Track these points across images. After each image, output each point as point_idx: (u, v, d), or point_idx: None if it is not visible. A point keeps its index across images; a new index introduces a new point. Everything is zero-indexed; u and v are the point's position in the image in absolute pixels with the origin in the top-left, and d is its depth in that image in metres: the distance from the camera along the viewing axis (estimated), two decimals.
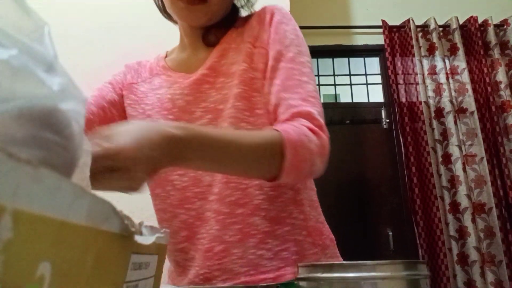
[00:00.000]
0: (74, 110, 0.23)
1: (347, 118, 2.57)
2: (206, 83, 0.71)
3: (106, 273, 0.20)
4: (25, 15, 0.23)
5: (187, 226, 0.69)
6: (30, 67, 0.21)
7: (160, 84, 0.76)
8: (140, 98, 0.77)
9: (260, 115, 0.68)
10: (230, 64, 0.71)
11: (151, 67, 0.81)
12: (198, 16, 0.70)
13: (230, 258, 0.66)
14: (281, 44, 0.69)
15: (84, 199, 0.18)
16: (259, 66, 0.69)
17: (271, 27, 0.71)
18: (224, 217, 0.66)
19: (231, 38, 0.74)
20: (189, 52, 0.78)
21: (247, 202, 0.67)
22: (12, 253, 0.13)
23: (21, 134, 0.20)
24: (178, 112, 0.71)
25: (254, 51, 0.71)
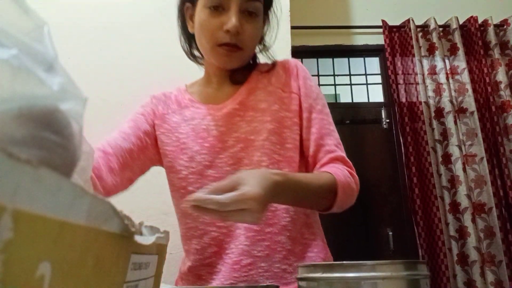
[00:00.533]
0: (74, 110, 0.23)
1: (347, 118, 2.57)
2: (237, 116, 0.83)
3: (106, 273, 0.20)
4: (25, 15, 0.23)
5: (217, 242, 0.78)
6: (30, 67, 0.21)
7: (191, 115, 0.86)
8: (173, 127, 0.86)
9: (289, 149, 0.82)
10: (259, 101, 0.84)
11: (178, 99, 0.90)
12: (234, 61, 0.83)
13: (257, 271, 0.76)
14: (311, 98, 0.85)
15: (84, 199, 0.18)
16: (292, 108, 0.84)
17: (298, 80, 0.87)
18: (254, 234, 0.77)
19: (257, 79, 0.88)
20: (214, 88, 0.90)
21: (276, 222, 0.78)
22: (12, 253, 0.13)
23: (21, 134, 0.20)
24: (213, 140, 0.82)
25: (284, 95, 0.85)
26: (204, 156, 0.81)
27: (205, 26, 0.79)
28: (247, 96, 0.85)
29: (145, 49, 1.50)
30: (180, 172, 0.82)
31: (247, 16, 0.79)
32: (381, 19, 2.68)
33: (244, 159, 0.80)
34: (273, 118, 0.81)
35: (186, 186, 0.81)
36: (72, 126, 0.23)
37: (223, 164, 0.80)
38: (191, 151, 0.81)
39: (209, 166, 0.80)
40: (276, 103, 0.84)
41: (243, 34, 0.78)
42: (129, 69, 1.49)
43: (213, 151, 0.81)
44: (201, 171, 0.80)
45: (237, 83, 0.87)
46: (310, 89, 0.86)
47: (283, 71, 0.88)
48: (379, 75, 2.80)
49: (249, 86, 0.87)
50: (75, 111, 0.23)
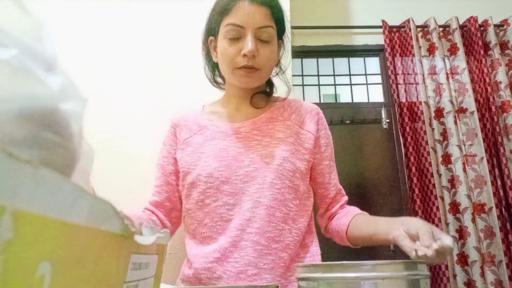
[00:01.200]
0: (74, 110, 0.23)
1: (347, 118, 2.57)
2: (255, 140, 0.93)
3: (106, 273, 0.20)
4: (25, 14, 0.23)
5: (222, 250, 0.86)
6: (30, 67, 0.21)
7: (212, 135, 0.96)
8: (196, 148, 0.95)
9: (298, 178, 0.92)
10: (277, 130, 0.94)
11: (197, 121, 1.00)
12: (253, 81, 0.93)
13: (261, 281, 0.84)
14: (330, 147, 1.00)
15: (84, 199, 0.18)
16: (305, 145, 0.95)
17: (318, 125, 0.99)
18: (262, 248, 0.85)
19: (279, 112, 0.99)
20: (233, 107, 1.00)
21: (281, 240, 0.87)
22: (12, 253, 0.13)
23: (21, 134, 0.20)
24: (231, 159, 0.90)
25: (301, 132, 0.97)
26: (222, 172, 0.89)
27: (225, 53, 0.90)
28: (266, 124, 0.96)
29: (145, 47, 1.50)
30: (200, 186, 0.90)
31: (262, 42, 0.90)
32: (381, 19, 2.68)
33: (257, 177, 0.89)
34: (288, 149, 0.92)
35: (204, 199, 0.90)
36: (72, 126, 0.23)
37: (238, 181, 0.89)
38: (210, 168, 0.90)
39: (225, 182, 0.89)
40: (292, 136, 0.94)
41: (259, 57, 0.89)
42: (129, 67, 1.48)
43: (230, 169, 0.90)
44: (218, 186, 0.89)
45: (256, 107, 0.99)
46: (329, 139, 1.01)
47: (304, 112, 1.00)
48: (379, 75, 2.79)
49: (270, 116, 0.98)
50: (75, 111, 0.23)
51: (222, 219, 0.87)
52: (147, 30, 1.51)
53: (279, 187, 0.88)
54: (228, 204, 0.88)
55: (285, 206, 0.89)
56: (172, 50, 1.48)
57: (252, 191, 0.88)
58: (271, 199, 0.87)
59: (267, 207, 0.87)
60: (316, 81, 2.77)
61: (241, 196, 0.88)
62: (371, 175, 2.51)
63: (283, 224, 0.88)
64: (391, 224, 0.77)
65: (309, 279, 0.42)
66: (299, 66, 2.75)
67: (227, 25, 0.89)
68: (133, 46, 1.50)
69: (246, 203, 0.87)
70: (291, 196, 0.90)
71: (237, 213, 0.87)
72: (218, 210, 0.88)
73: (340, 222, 0.94)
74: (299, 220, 0.91)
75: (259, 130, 0.94)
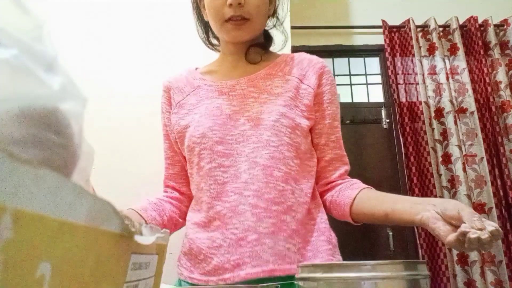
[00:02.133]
0: (74, 110, 0.23)
1: (347, 118, 2.57)
2: (251, 98, 0.86)
3: (106, 273, 0.20)
4: (24, 13, 0.23)
5: (220, 216, 0.80)
6: (30, 66, 0.21)
7: (205, 95, 0.89)
8: (189, 110, 0.89)
9: (298, 135, 0.84)
10: (275, 86, 0.87)
11: (189, 81, 0.94)
12: (244, 33, 0.86)
13: (261, 247, 0.77)
14: (335, 105, 0.90)
15: (84, 199, 0.18)
16: (304, 101, 0.87)
17: (322, 80, 0.89)
18: (260, 211, 0.78)
19: (279, 68, 0.90)
20: (229, 65, 0.94)
21: (282, 201, 0.80)
22: (12, 253, 0.13)
23: (21, 134, 0.20)
24: (225, 118, 0.85)
25: (301, 85, 0.88)
26: (216, 132, 0.84)
27: (211, 6, 0.84)
28: (264, 80, 0.88)
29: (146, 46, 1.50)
30: (194, 149, 0.85)
31: None
32: (381, 19, 2.68)
33: (252, 136, 0.82)
34: (286, 104, 0.84)
35: (199, 162, 0.85)
36: (72, 126, 0.23)
37: (232, 141, 0.83)
38: (203, 128, 0.84)
39: (219, 142, 0.83)
40: (292, 91, 0.86)
41: (247, 4, 0.82)
42: (129, 67, 1.48)
43: (225, 128, 0.84)
44: (212, 146, 0.83)
45: (252, 62, 0.91)
46: (335, 96, 0.90)
47: (307, 65, 0.90)
48: (379, 75, 2.80)
49: (268, 72, 0.90)
50: (75, 111, 0.23)
51: (216, 182, 0.82)
52: (147, 30, 1.51)
53: (277, 144, 0.81)
54: (222, 166, 0.82)
55: (285, 164, 0.81)
56: (174, 49, 1.48)
57: (248, 151, 0.81)
58: (268, 157, 0.80)
59: (264, 167, 0.80)
60: None
61: (237, 157, 0.81)
62: (371, 175, 2.51)
63: (283, 184, 0.80)
64: (417, 204, 0.68)
65: (309, 279, 0.42)
66: None
67: None
68: (134, 46, 1.50)
69: (242, 164, 0.81)
70: (292, 154, 0.82)
71: (232, 175, 0.81)
72: (212, 172, 0.82)
73: (343, 194, 0.84)
74: (301, 180, 0.84)
75: (255, 87, 0.87)
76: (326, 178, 0.89)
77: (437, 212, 0.62)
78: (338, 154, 0.89)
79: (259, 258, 0.76)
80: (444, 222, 0.60)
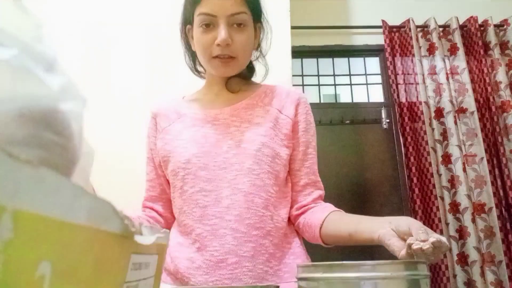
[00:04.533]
0: (74, 110, 0.23)
1: (347, 118, 2.57)
2: (233, 126, 0.91)
3: (106, 273, 0.20)
4: (25, 14, 0.23)
5: (201, 239, 0.84)
6: (30, 67, 0.21)
7: (192, 123, 0.94)
8: (175, 136, 0.94)
9: (277, 163, 0.89)
10: (256, 116, 0.92)
11: (176, 109, 0.98)
12: (230, 69, 0.92)
13: (241, 270, 0.81)
14: (309, 134, 0.95)
15: (84, 199, 0.18)
16: (283, 130, 0.92)
17: (298, 110, 0.95)
18: (241, 235, 0.83)
19: (260, 98, 0.96)
20: (214, 94, 0.99)
21: (262, 227, 0.85)
22: (12, 253, 0.13)
23: (21, 134, 0.20)
24: (209, 146, 0.89)
25: (280, 116, 0.93)
26: (200, 158, 0.88)
27: (200, 42, 0.89)
28: (245, 110, 0.93)
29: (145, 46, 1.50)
30: (179, 173, 0.89)
31: (236, 28, 0.88)
32: (381, 19, 2.68)
33: (235, 164, 0.87)
34: (267, 134, 0.89)
35: (183, 186, 0.88)
36: (72, 126, 0.23)
37: (215, 168, 0.87)
38: (188, 154, 0.89)
39: (202, 168, 0.87)
40: (272, 121, 0.92)
41: (234, 44, 0.88)
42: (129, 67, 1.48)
43: (209, 155, 0.88)
44: (195, 172, 0.87)
45: (231, 91, 0.97)
46: (310, 125, 0.96)
47: (285, 96, 0.96)
48: (379, 75, 2.80)
49: (250, 102, 0.95)
50: (75, 111, 0.23)
51: (197, 205, 0.86)
52: (148, 30, 1.51)
53: (258, 172, 0.86)
54: (204, 190, 0.86)
55: (265, 191, 0.86)
56: (173, 51, 1.48)
57: (230, 178, 0.86)
58: (250, 185, 0.85)
59: (245, 194, 0.85)
60: (316, 81, 2.77)
61: (219, 182, 0.86)
62: (371, 175, 2.51)
63: (263, 210, 0.86)
64: (376, 223, 0.72)
65: (309, 279, 0.42)
66: (299, 66, 2.75)
67: (199, 14, 0.88)
68: (134, 46, 1.50)
69: (224, 190, 0.85)
70: (271, 182, 0.88)
71: (214, 199, 0.85)
72: (195, 196, 0.86)
73: (314, 217, 0.88)
74: (279, 206, 0.89)
75: (237, 117, 0.92)
76: (300, 202, 0.93)
77: (392, 229, 0.65)
78: (311, 180, 0.94)
79: (239, 280, 0.81)
80: (398, 238, 0.63)
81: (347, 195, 2.44)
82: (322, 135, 1.05)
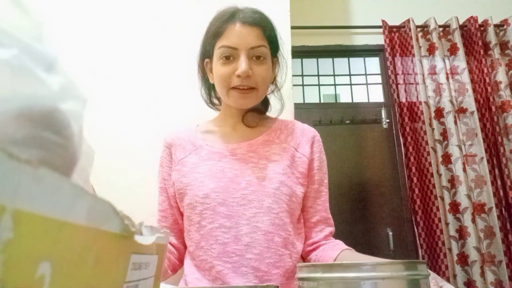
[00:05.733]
0: (74, 110, 0.23)
1: (347, 118, 2.57)
2: (251, 163, 0.92)
3: (106, 273, 0.20)
4: (25, 14, 0.23)
5: (222, 276, 0.84)
6: (30, 67, 0.21)
7: (208, 156, 0.94)
8: (192, 168, 0.94)
9: (294, 202, 0.90)
10: (273, 153, 0.94)
11: (191, 140, 0.99)
12: (249, 101, 0.93)
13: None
14: (322, 172, 0.97)
15: (84, 199, 0.18)
16: (299, 169, 0.94)
17: (313, 148, 0.97)
18: (262, 274, 0.84)
19: (276, 135, 0.98)
20: (230, 127, 1.00)
21: (282, 265, 0.86)
22: (12, 253, 0.13)
23: (21, 134, 0.20)
24: (227, 181, 0.89)
25: (296, 154, 0.95)
26: (219, 194, 0.88)
27: (220, 74, 0.91)
28: (263, 147, 0.95)
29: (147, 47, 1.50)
30: (196, 208, 0.89)
31: (256, 60, 0.90)
32: (381, 19, 2.68)
33: (254, 201, 0.87)
34: (284, 172, 0.91)
35: (201, 221, 0.88)
36: (72, 126, 0.23)
37: (234, 204, 0.87)
38: (207, 188, 0.89)
39: (221, 204, 0.87)
40: (288, 159, 0.93)
41: (254, 76, 0.89)
42: (129, 67, 1.48)
43: (227, 190, 0.88)
44: (214, 207, 0.87)
45: (248, 125, 0.99)
46: (323, 163, 0.98)
47: (300, 134, 0.99)
48: (379, 75, 2.80)
49: (266, 138, 0.97)
50: (75, 111, 0.23)
51: (217, 242, 0.86)
52: (148, 30, 1.51)
53: (277, 211, 0.87)
54: (224, 227, 0.86)
55: (284, 230, 0.88)
56: (174, 52, 1.48)
57: (249, 215, 0.86)
58: (269, 223, 0.86)
59: (265, 232, 0.86)
60: (316, 81, 2.77)
61: (238, 219, 0.86)
62: (371, 175, 2.51)
63: (283, 249, 0.87)
64: None
65: (309, 279, 0.42)
66: (299, 66, 2.75)
67: (221, 47, 0.90)
68: (134, 46, 1.50)
69: (243, 227, 0.86)
70: (289, 220, 0.89)
71: (233, 237, 0.86)
72: (214, 232, 0.87)
73: (326, 254, 0.90)
74: (296, 243, 0.90)
75: (255, 152, 0.94)
76: (312, 238, 0.95)
77: None
78: (323, 217, 0.96)
79: None
80: None
81: (347, 195, 2.44)
82: (322, 135, 1.04)
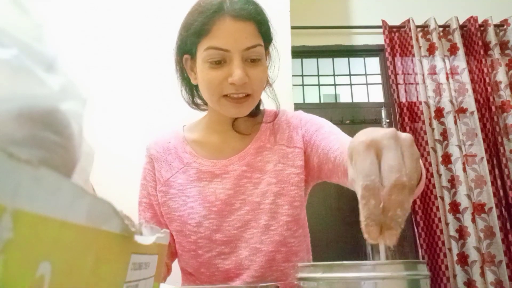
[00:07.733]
0: (74, 110, 0.23)
1: (347, 118, 2.57)
2: (245, 178, 0.83)
3: (106, 273, 0.20)
4: (25, 14, 0.23)
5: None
6: (30, 66, 0.21)
7: (197, 176, 0.84)
8: (179, 190, 0.85)
9: (296, 207, 0.81)
10: (266, 162, 0.84)
11: (178, 154, 0.88)
12: (244, 109, 0.80)
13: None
14: (315, 125, 0.84)
15: (84, 199, 0.18)
16: (296, 163, 0.83)
17: (303, 132, 0.85)
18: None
19: (266, 138, 0.87)
20: (218, 138, 0.88)
21: (284, 279, 0.81)
22: (12, 253, 0.13)
23: (21, 134, 0.20)
24: (220, 204, 0.82)
25: (289, 150, 0.84)
26: (212, 221, 0.81)
27: (208, 80, 0.77)
28: (255, 156, 0.85)
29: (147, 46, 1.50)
30: (189, 236, 0.82)
31: (251, 62, 0.77)
32: (381, 19, 2.68)
33: (251, 221, 0.81)
34: (278, 179, 0.82)
35: (196, 250, 0.82)
36: (72, 126, 0.23)
37: (230, 228, 0.81)
38: (198, 216, 0.81)
39: (216, 231, 0.81)
40: (280, 161, 0.84)
41: (251, 80, 0.77)
42: (129, 67, 1.48)
43: (221, 215, 0.81)
44: (209, 235, 0.81)
45: (240, 132, 0.87)
46: (317, 125, 0.85)
47: (286, 126, 0.88)
48: (379, 75, 2.80)
49: (257, 145, 0.86)
50: (75, 111, 0.23)
51: (218, 270, 0.82)
52: (148, 30, 1.51)
53: (275, 227, 0.80)
54: (223, 254, 0.81)
55: (285, 245, 0.81)
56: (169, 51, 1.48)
57: (247, 237, 0.81)
58: (269, 242, 0.80)
59: (265, 253, 0.80)
60: (316, 81, 2.77)
61: (236, 243, 0.81)
62: None
63: (284, 264, 0.82)
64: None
65: (309, 279, 0.42)
66: (299, 66, 2.75)
67: (208, 48, 0.75)
68: (133, 48, 1.50)
69: (242, 250, 0.81)
70: (292, 230, 0.82)
71: (234, 262, 0.81)
72: (213, 260, 0.81)
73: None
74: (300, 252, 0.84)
75: (248, 166, 0.84)
76: None
77: None
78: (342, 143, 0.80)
79: None
80: None
81: (347, 195, 2.44)
82: None
